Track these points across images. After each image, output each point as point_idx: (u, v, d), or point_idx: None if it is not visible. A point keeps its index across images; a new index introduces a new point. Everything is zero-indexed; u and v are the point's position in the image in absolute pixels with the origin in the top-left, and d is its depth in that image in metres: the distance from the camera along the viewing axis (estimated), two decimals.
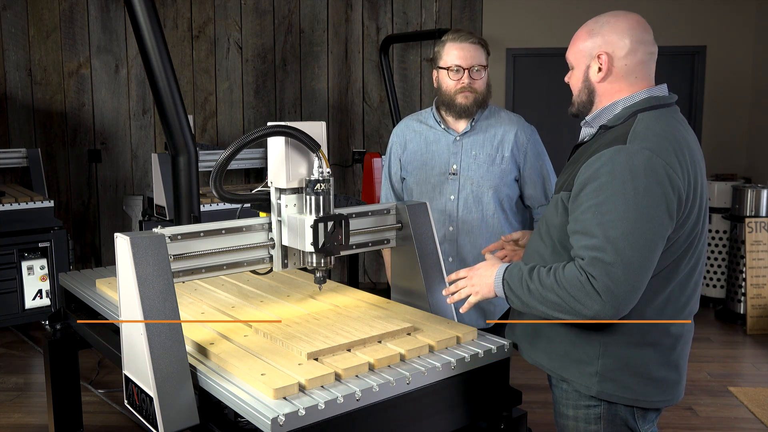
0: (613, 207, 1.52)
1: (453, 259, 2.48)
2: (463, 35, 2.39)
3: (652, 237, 1.52)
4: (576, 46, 1.74)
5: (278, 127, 1.71)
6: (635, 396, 1.67)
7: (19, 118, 5.79)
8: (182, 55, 5.91)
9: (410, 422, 1.60)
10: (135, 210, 5.62)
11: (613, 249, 1.50)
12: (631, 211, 1.51)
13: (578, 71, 1.75)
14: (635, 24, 1.67)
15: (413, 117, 2.61)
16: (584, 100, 1.75)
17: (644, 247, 1.52)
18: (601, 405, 1.71)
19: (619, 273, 1.50)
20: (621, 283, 1.50)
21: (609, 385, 1.67)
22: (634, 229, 1.51)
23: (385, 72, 5.71)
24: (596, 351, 1.67)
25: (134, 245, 1.55)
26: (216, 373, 1.60)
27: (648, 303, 1.63)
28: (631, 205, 1.51)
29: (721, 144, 6.02)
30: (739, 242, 5.24)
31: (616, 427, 1.72)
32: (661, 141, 1.57)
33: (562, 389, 1.77)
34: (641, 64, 1.68)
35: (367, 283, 6.13)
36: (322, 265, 1.79)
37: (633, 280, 1.51)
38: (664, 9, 5.87)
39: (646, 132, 1.59)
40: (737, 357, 4.63)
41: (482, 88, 2.42)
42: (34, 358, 4.43)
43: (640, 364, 1.66)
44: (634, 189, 1.52)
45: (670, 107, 1.70)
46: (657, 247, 1.55)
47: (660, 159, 1.54)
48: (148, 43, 2.64)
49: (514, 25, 5.85)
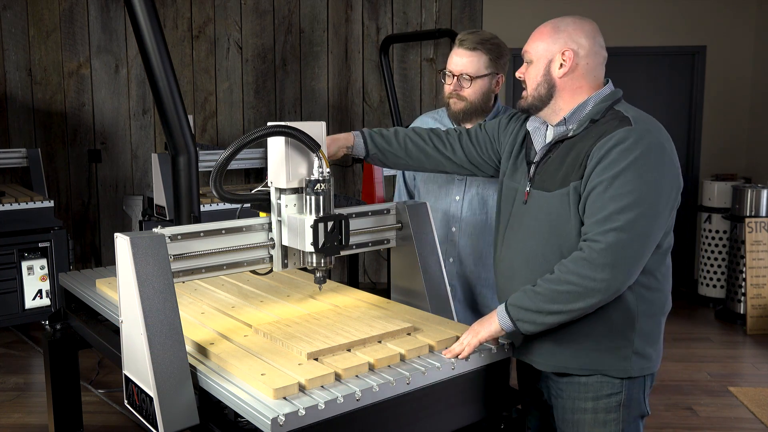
0: (624, 180, 1.60)
1: (454, 260, 2.47)
2: (466, 41, 2.32)
3: (661, 209, 1.63)
4: (538, 42, 1.80)
5: (278, 127, 1.70)
6: (652, 365, 1.78)
7: (19, 118, 5.79)
8: (182, 55, 5.91)
9: (410, 422, 1.60)
10: (135, 210, 5.62)
11: (625, 218, 1.58)
12: (642, 184, 1.60)
13: (538, 65, 1.79)
14: (596, 29, 1.80)
15: (429, 114, 2.60)
16: (542, 95, 1.79)
17: (653, 218, 1.61)
18: (622, 392, 1.76)
19: (628, 240, 1.59)
20: (629, 250, 1.59)
21: (640, 361, 1.75)
22: (644, 200, 1.59)
23: (385, 72, 5.71)
24: (629, 332, 1.73)
25: (134, 245, 1.55)
26: (216, 373, 1.60)
27: (656, 272, 1.74)
28: (643, 178, 1.60)
29: (721, 144, 6.02)
30: (739, 242, 5.24)
31: (631, 411, 1.78)
32: (658, 126, 1.71)
33: (581, 383, 1.78)
34: (599, 66, 1.79)
35: (367, 283, 6.13)
36: (322, 265, 1.79)
37: (640, 249, 1.61)
38: (664, 9, 5.87)
39: (641, 116, 1.71)
40: (737, 357, 4.63)
41: (473, 97, 2.33)
42: (34, 358, 4.43)
43: (657, 333, 1.79)
44: (645, 164, 1.61)
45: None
46: (664, 219, 1.65)
47: (664, 139, 1.67)
48: (148, 43, 2.64)
49: (514, 25, 5.85)
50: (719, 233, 5.54)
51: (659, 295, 1.77)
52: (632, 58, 5.89)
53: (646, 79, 6.00)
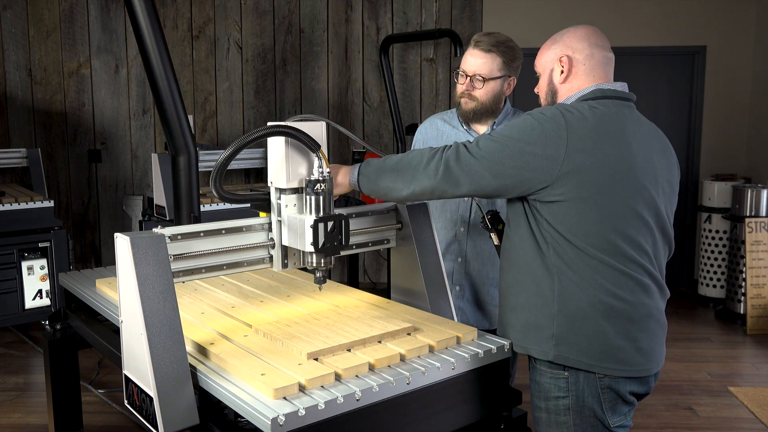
0: (500, 133, 1.72)
1: (462, 260, 2.49)
2: (481, 42, 2.34)
3: (517, 158, 1.67)
4: (541, 55, 1.91)
5: (278, 127, 1.71)
6: (591, 361, 1.72)
7: (19, 118, 5.79)
8: (182, 55, 5.91)
9: (410, 422, 1.60)
10: (135, 210, 5.62)
11: (478, 148, 1.71)
12: (512, 137, 1.69)
13: (544, 77, 1.91)
14: (592, 32, 1.85)
15: (438, 116, 2.61)
16: (549, 102, 1.90)
17: (505, 158, 1.67)
18: (569, 396, 1.75)
19: (469, 160, 1.70)
20: (464, 166, 1.69)
21: (564, 347, 1.72)
22: (505, 147, 1.68)
23: (385, 72, 5.71)
24: (551, 313, 1.73)
25: (134, 245, 1.55)
26: (216, 373, 1.60)
27: (574, 268, 1.72)
28: (515, 132, 1.69)
29: (721, 144, 6.02)
30: (739, 242, 5.24)
31: (585, 419, 1.77)
32: (580, 111, 1.71)
33: (536, 382, 1.83)
34: (599, 66, 1.83)
35: (367, 283, 6.13)
36: (322, 265, 1.79)
37: (475, 172, 1.69)
38: (664, 9, 5.87)
39: (570, 105, 1.74)
40: (737, 357, 4.63)
41: (484, 98, 2.37)
42: (34, 358, 4.43)
43: (593, 328, 1.71)
44: (524, 122, 1.71)
45: (623, 101, 1.80)
46: (516, 168, 1.68)
47: (563, 115, 1.69)
48: (148, 43, 2.64)
49: (514, 25, 5.85)
50: (719, 233, 5.54)
51: (582, 293, 1.71)
52: (632, 58, 5.89)
53: (646, 79, 6.00)
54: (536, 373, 1.82)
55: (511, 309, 1.84)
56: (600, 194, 1.67)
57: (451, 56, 6.00)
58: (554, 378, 1.77)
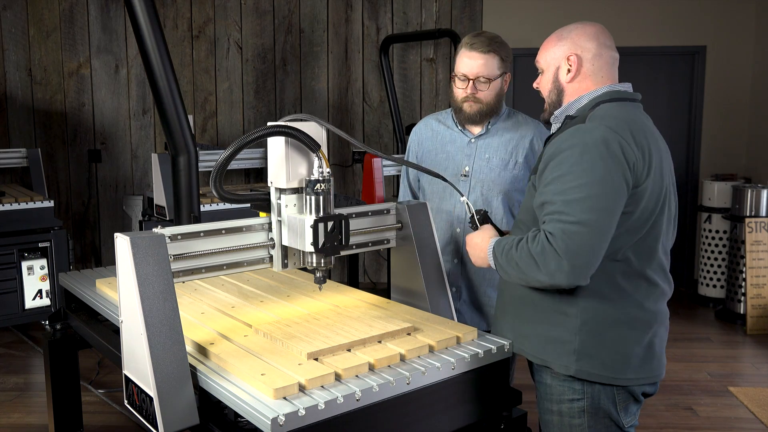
0: (572, 177, 1.63)
1: (458, 261, 2.48)
2: (477, 43, 2.34)
3: (609, 201, 1.61)
4: (546, 51, 1.87)
5: (278, 127, 1.71)
6: (613, 374, 1.71)
7: (19, 118, 5.79)
8: (182, 55, 5.91)
9: (410, 422, 1.60)
10: (135, 210, 5.62)
11: (572, 211, 1.60)
12: (588, 178, 1.61)
13: (548, 74, 1.87)
14: (600, 30, 1.83)
15: (433, 116, 2.61)
16: (554, 100, 1.87)
17: (602, 210, 1.60)
18: (584, 399, 1.74)
19: (576, 231, 1.58)
20: (578, 242, 1.58)
21: (585, 362, 1.71)
22: (591, 194, 1.60)
23: (385, 72, 5.71)
24: (574, 328, 1.71)
25: (134, 245, 1.55)
26: (216, 373, 1.60)
27: (609, 282, 1.70)
28: (589, 172, 1.61)
29: (721, 144, 6.02)
30: (739, 242, 5.24)
31: (599, 420, 1.76)
32: (618, 121, 1.68)
33: (546, 384, 1.81)
34: (606, 66, 1.82)
35: (367, 283, 6.13)
36: (322, 265, 1.79)
37: (590, 241, 1.59)
38: (664, 9, 5.87)
39: (604, 114, 1.71)
40: (737, 357, 4.63)
41: (488, 98, 2.38)
42: (34, 358, 4.43)
43: (616, 340, 1.71)
44: (591, 159, 1.62)
45: (633, 102, 1.81)
46: (614, 211, 1.63)
47: (615, 133, 1.64)
48: (148, 43, 2.64)
49: (514, 25, 5.85)
50: (719, 233, 5.53)
51: (611, 308, 1.71)
52: (632, 58, 5.89)
53: (646, 79, 6.00)
54: (546, 376, 1.81)
55: (525, 320, 1.81)
56: (656, 208, 1.70)
57: (451, 56, 6.00)
58: (567, 381, 1.76)
